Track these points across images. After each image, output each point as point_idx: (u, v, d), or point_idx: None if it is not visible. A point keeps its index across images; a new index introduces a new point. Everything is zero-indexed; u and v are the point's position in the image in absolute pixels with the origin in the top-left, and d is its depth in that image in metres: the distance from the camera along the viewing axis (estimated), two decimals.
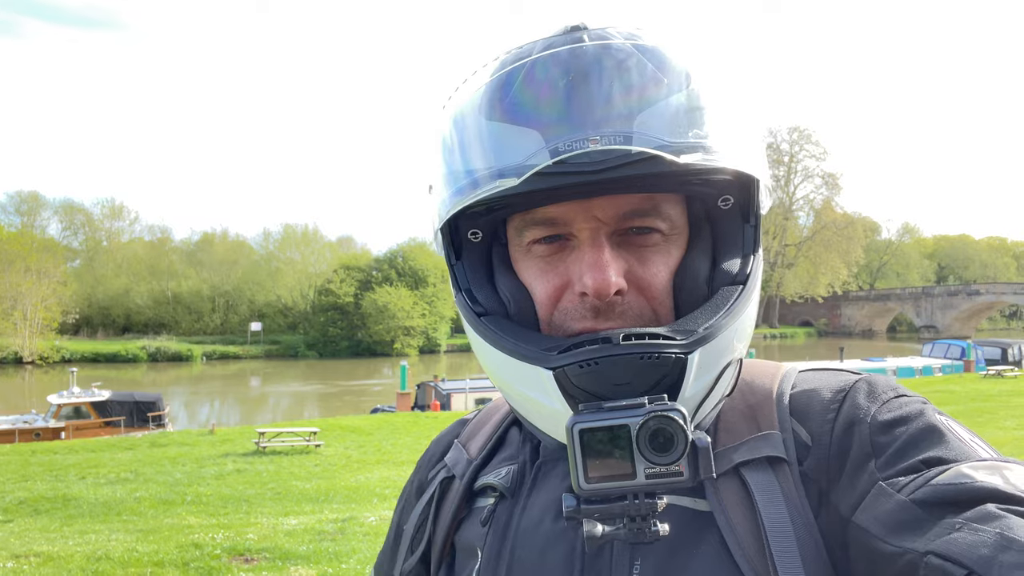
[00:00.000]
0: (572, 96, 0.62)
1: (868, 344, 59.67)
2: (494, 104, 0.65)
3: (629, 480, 0.55)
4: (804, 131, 74.65)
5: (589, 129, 0.60)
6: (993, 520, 0.50)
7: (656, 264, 0.68)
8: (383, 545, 0.92)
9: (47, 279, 49.45)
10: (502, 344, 0.67)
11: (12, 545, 6.79)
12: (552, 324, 0.69)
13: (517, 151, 0.62)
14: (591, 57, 0.63)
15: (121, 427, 21.77)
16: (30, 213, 61.96)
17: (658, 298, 0.68)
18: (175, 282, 59.43)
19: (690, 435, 0.55)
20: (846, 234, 71.90)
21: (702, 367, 0.63)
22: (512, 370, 0.67)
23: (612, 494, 0.56)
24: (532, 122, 0.62)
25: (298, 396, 34.64)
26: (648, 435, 0.54)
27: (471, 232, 0.73)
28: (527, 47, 0.67)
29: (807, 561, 0.60)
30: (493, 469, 0.79)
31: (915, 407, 0.65)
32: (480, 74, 0.70)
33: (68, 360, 45.22)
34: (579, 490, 0.56)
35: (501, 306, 0.71)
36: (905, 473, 0.59)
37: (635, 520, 0.56)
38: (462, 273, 0.74)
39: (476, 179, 0.65)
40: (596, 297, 0.64)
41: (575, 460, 0.56)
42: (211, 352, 52.38)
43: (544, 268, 0.69)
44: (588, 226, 0.66)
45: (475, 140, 0.66)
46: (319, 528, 7.54)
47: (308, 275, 59.81)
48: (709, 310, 0.66)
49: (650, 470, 0.55)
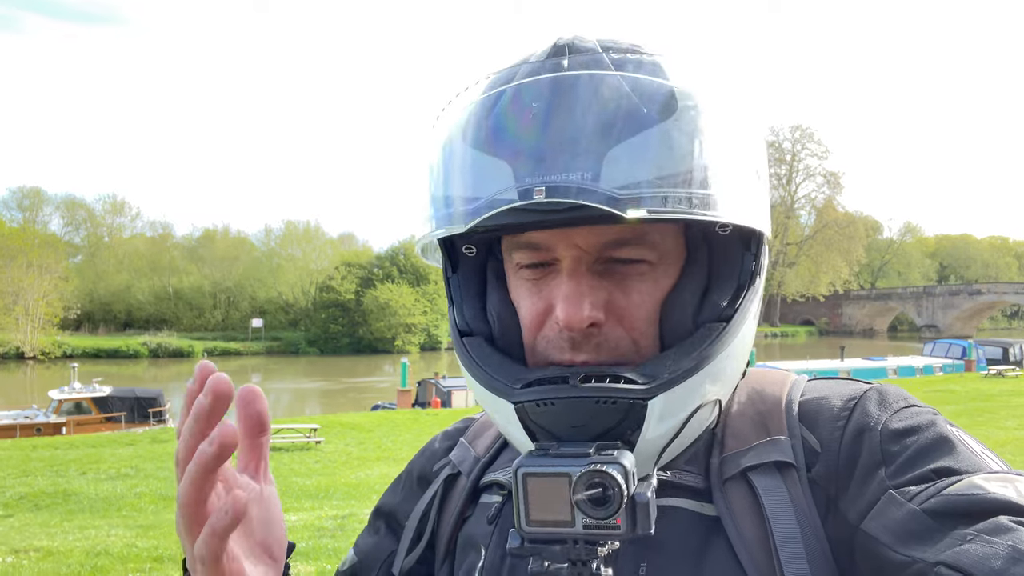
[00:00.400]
0: (541, 132, 0.59)
1: (869, 343, 59.68)
2: (472, 130, 0.64)
3: (568, 528, 0.55)
4: (806, 130, 74.82)
5: (550, 171, 0.58)
6: (1005, 532, 0.50)
7: (640, 294, 0.65)
8: (365, 527, 0.92)
9: (49, 275, 49.51)
10: (474, 371, 0.68)
11: (12, 540, 6.80)
12: (535, 351, 0.68)
13: (490, 183, 0.61)
14: (568, 88, 0.60)
15: (122, 423, 21.78)
16: (32, 209, 62.03)
17: (639, 329, 0.65)
18: (176, 278, 59.51)
19: (627, 491, 0.54)
20: (847, 233, 71.90)
21: (665, 412, 0.62)
22: (484, 397, 0.68)
23: (551, 539, 0.57)
24: (503, 154, 0.61)
25: (299, 393, 34.70)
26: (585, 488, 0.54)
27: (465, 247, 0.74)
28: (509, 71, 0.66)
29: (814, 567, 0.60)
30: (501, 467, 0.79)
31: (926, 417, 0.65)
32: (466, 95, 0.69)
33: (69, 356, 45.23)
34: (521, 531, 0.57)
35: (487, 326, 0.72)
36: (916, 482, 0.58)
37: (575, 564, 0.56)
38: (456, 287, 0.74)
39: (452, 212, 0.65)
40: (567, 330, 0.64)
41: (518, 502, 0.57)
42: (212, 348, 52.36)
43: (531, 290, 0.68)
44: (570, 254, 0.64)
45: (454, 165, 0.66)
46: (319, 524, 7.55)
47: (309, 272, 59.86)
48: (683, 351, 0.63)
49: (587, 520, 0.55)
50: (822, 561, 0.61)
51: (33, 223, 59.20)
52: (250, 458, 0.58)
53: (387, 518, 0.88)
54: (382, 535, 0.87)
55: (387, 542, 0.86)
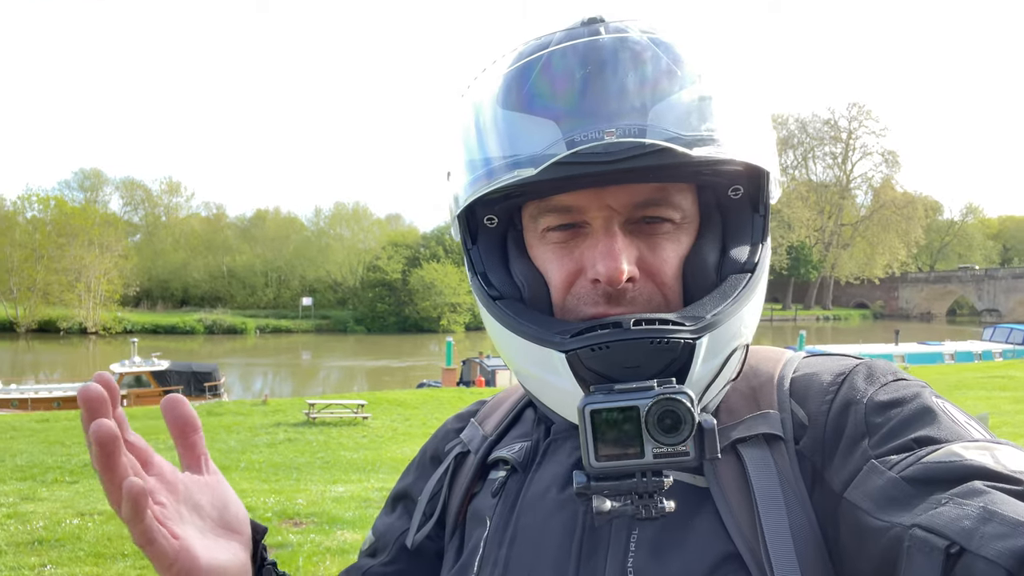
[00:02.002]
0: (588, 88, 0.63)
1: (926, 327, 57.86)
2: (512, 94, 0.67)
3: (637, 459, 0.57)
4: (863, 107, 72.39)
5: (603, 122, 0.62)
6: (978, 495, 0.52)
7: (666, 251, 0.69)
8: (382, 509, 0.95)
9: (109, 253, 51.30)
10: (517, 327, 0.69)
11: (78, 504, 7.16)
12: (565, 308, 0.71)
13: (534, 141, 0.64)
14: (608, 50, 0.65)
15: None
16: (93, 189, 64.33)
17: (668, 284, 0.69)
18: (230, 257, 60.99)
19: (696, 417, 0.56)
20: (906, 214, 69.55)
21: (710, 352, 0.65)
22: (526, 352, 0.69)
23: (621, 472, 0.58)
24: (549, 112, 0.64)
25: (347, 370, 35.38)
26: (656, 416, 0.56)
27: (487, 218, 0.75)
28: (545, 39, 0.69)
29: (797, 533, 0.62)
30: (507, 444, 0.82)
31: (912, 390, 0.66)
32: (499, 64, 0.71)
33: (129, 331, 46.89)
34: (589, 468, 0.58)
35: (515, 290, 0.73)
36: (897, 451, 0.60)
37: (642, 497, 0.58)
38: (477, 257, 0.76)
39: (493, 168, 0.67)
40: (608, 284, 0.66)
41: (586, 439, 0.58)
42: (264, 325, 53.76)
43: (559, 254, 0.71)
44: (601, 215, 0.67)
45: (493, 129, 0.68)
46: (365, 496, 7.75)
47: (357, 251, 60.69)
48: (717, 297, 0.67)
49: (657, 450, 0.56)
50: (806, 527, 0.62)
51: (94, 203, 61.34)
52: (188, 456, 0.66)
53: (402, 499, 0.92)
54: (397, 515, 0.91)
55: (401, 521, 0.89)
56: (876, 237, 69.63)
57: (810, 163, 74.34)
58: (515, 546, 0.72)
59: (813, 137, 73.56)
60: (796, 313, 67.97)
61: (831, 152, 73.25)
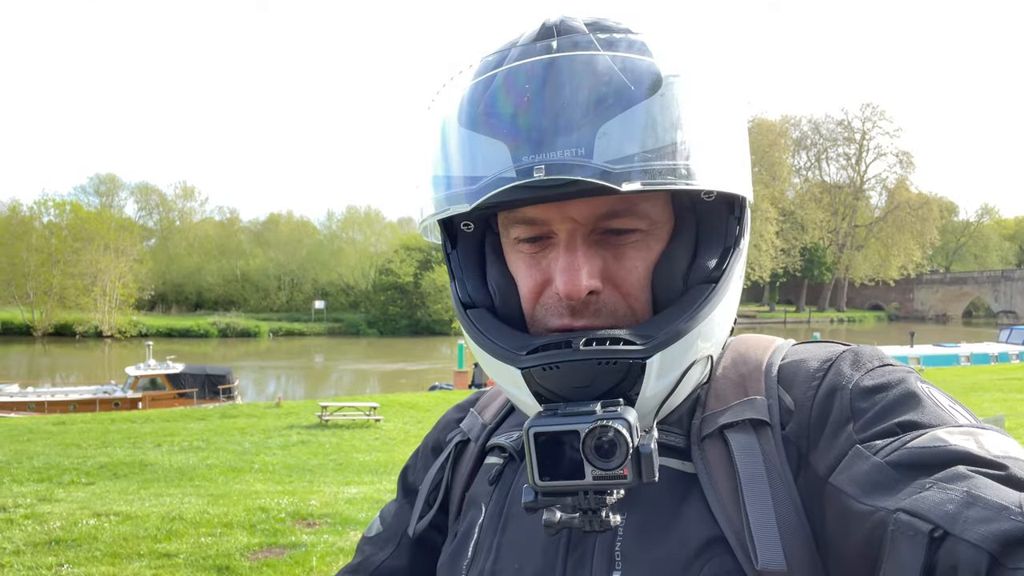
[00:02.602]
0: (534, 112, 0.62)
1: (942, 329, 57.37)
2: (467, 112, 0.67)
3: (578, 480, 0.59)
4: (877, 107, 71.81)
5: (546, 149, 0.61)
6: (962, 480, 0.52)
7: (632, 260, 0.68)
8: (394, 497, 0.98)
9: (124, 257, 51.73)
10: (482, 340, 0.70)
11: (94, 505, 7.23)
12: (535, 319, 0.71)
13: (486, 162, 0.64)
14: (558, 69, 0.63)
15: (193, 399, 22.75)
16: (108, 194, 64.90)
17: (633, 294, 0.69)
18: (243, 261, 61.44)
19: (632, 443, 0.57)
20: (920, 215, 68.88)
21: (663, 370, 0.65)
22: (492, 364, 0.70)
23: (563, 491, 0.60)
24: (499, 134, 0.63)
25: (359, 372, 35.47)
26: (594, 442, 0.58)
27: (463, 224, 0.76)
28: (500, 54, 0.68)
29: (781, 516, 0.62)
30: (505, 432, 0.84)
31: (898, 375, 0.66)
32: (457, 80, 0.71)
33: (144, 334, 47.35)
34: (534, 487, 0.60)
35: (488, 298, 0.74)
36: (882, 436, 0.61)
37: (587, 512, 0.60)
38: (456, 263, 0.77)
39: (446, 195, 0.67)
40: (567, 299, 0.66)
41: (530, 460, 0.60)
42: (277, 329, 54.01)
43: (528, 264, 0.71)
44: (565, 227, 0.67)
45: (451, 146, 0.68)
46: (377, 497, 7.78)
47: (369, 255, 60.99)
48: (676, 311, 0.67)
49: (596, 472, 0.58)
50: (790, 511, 0.63)
51: (109, 208, 61.88)
52: None
53: (406, 488, 0.94)
54: (401, 504, 0.93)
55: (406, 511, 0.91)
56: (890, 238, 69.05)
57: (824, 164, 73.94)
58: (507, 532, 0.73)
59: (826, 138, 73.12)
60: (810, 315, 67.52)
61: (844, 153, 72.75)
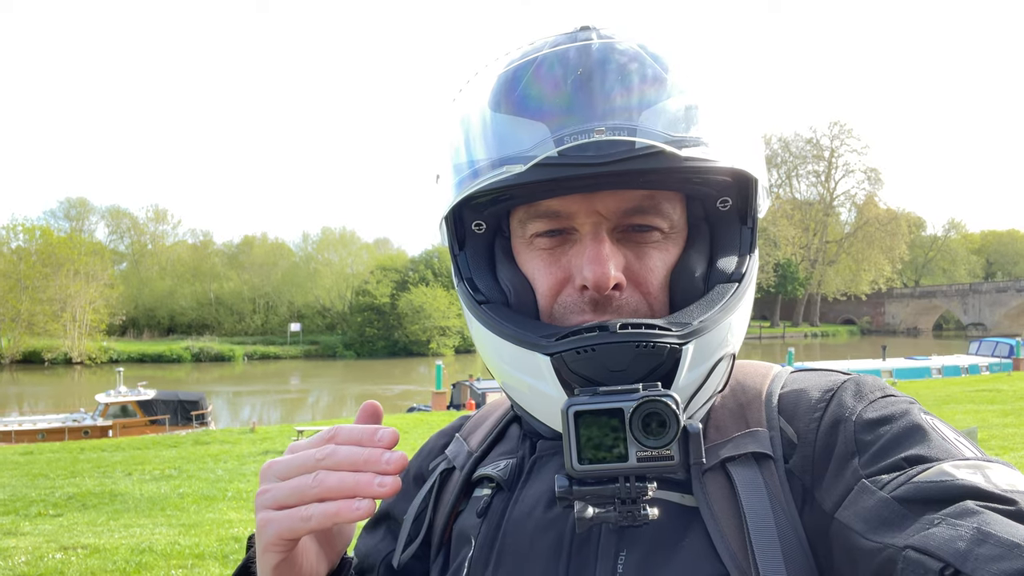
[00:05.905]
0: (578, 91, 0.64)
1: (913, 342, 58.24)
2: (502, 97, 0.67)
3: (621, 463, 0.56)
4: (844, 125, 73.23)
5: (594, 121, 0.62)
6: (971, 516, 0.51)
7: (654, 260, 0.69)
8: (361, 532, 0.93)
9: (95, 282, 50.94)
10: (502, 330, 0.69)
11: (61, 538, 7.03)
12: (552, 316, 0.71)
13: (523, 141, 0.64)
14: (599, 56, 0.65)
15: (166, 425, 22.31)
16: (79, 218, 64.11)
17: (654, 294, 0.69)
18: (217, 284, 60.76)
19: (682, 420, 0.55)
20: (889, 230, 70.19)
21: (696, 359, 0.65)
22: (511, 356, 0.69)
23: (604, 476, 0.57)
24: (538, 115, 0.64)
25: (337, 395, 35.12)
26: (641, 419, 0.55)
27: (475, 223, 0.75)
28: (537, 44, 0.70)
29: (788, 554, 0.61)
30: (492, 461, 0.81)
31: (901, 407, 0.65)
32: (490, 68, 0.72)
33: (115, 360, 46.47)
34: (572, 471, 0.57)
35: (502, 295, 0.73)
36: (888, 471, 0.59)
37: (625, 503, 0.57)
38: (464, 263, 0.75)
39: (479, 169, 0.67)
40: (595, 290, 0.66)
41: (569, 441, 0.56)
42: (252, 352, 53.39)
43: (547, 260, 0.71)
44: (590, 220, 0.67)
45: (482, 131, 0.68)
46: (358, 524, 7.65)
47: (345, 276, 60.66)
48: (704, 305, 0.67)
49: (642, 453, 0.55)
50: (797, 549, 0.61)
51: (80, 232, 61.06)
52: None
53: (385, 519, 0.90)
54: (380, 536, 0.89)
55: (385, 543, 0.87)
56: (861, 253, 70.21)
57: (794, 181, 75.08)
58: (501, 567, 0.71)
59: (796, 156, 74.38)
60: (784, 330, 68.23)
61: (814, 170, 73.97)
